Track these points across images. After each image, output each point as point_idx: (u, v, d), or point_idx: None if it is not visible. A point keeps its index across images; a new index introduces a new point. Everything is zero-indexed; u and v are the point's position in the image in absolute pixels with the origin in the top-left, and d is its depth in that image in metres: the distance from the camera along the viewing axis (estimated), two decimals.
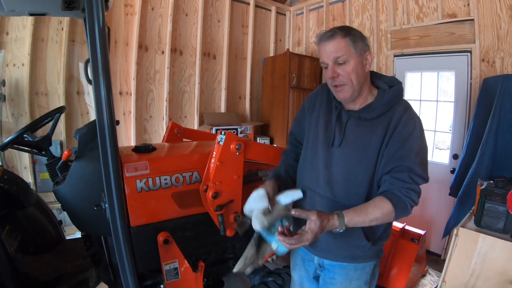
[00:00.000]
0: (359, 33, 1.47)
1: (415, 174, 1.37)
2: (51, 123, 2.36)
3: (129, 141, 4.52)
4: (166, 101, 4.73)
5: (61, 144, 4.01)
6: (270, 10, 5.84)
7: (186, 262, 1.91)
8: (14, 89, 3.75)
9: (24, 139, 2.25)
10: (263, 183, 1.62)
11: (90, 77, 1.50)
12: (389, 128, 1.43)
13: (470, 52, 3.63)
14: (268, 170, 2.08)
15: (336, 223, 1.32)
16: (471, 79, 3.63)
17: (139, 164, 1.87)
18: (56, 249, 2.50)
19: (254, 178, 2.08)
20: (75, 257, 2.41)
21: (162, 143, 2.58)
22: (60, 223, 2.64)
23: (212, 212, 1.86)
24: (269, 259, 2.20)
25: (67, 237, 2.72)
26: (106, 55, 1.45)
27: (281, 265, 2.50)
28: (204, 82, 5.15)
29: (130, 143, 4.51)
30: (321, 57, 1.48)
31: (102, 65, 1.44)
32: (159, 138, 4.70)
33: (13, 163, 3.86)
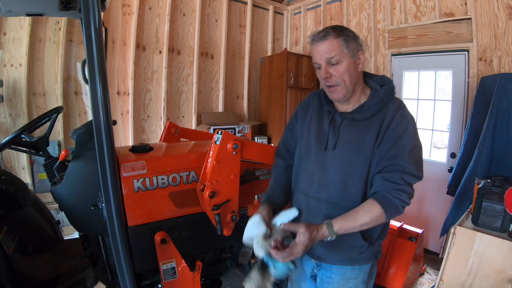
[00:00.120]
0: (352, 33, 1.47)
1: (407, 173, 1.37)
2: (48, 124, 2.35)
3: (127, 141, 4.51)
4: (164, 100, 4.73)
5: (59, 144, 4.00)
6: (267, 9, 5.84)
7: (183, 261, 1.91)
8: (11, 89, 3.74)
9: (21, 139, 2.25)
10: (257, 209, 1.59)
11: (87, 77, 1.50)
12: (382, 127, 1.43)
13: (467, 51, 3.64)
14: (265, 169, 2.07)
15: (325, 232, 1.35)
16: (468, 78, 3.64)
17: (136, 164, 1.87)
18: (54, 249, 2.50)
19: (251, 177, 2.08)
20: (73, 257, 2.41)
21: (159, 143, 2.58)
22: (58, 223, 2.63)
23: (209, 211, 1.87)
24: None
25: (65, 237, 2.72)
26: (102, 55, 1.45)
27: None
28: (201, 81, 5.15)
29: (128, 143, 4.50)
30: (314, 57, 1.48)
31: (98, 65, 1.44)
32: (157, 137, 4.69)
33: (11, 163, 3.85)
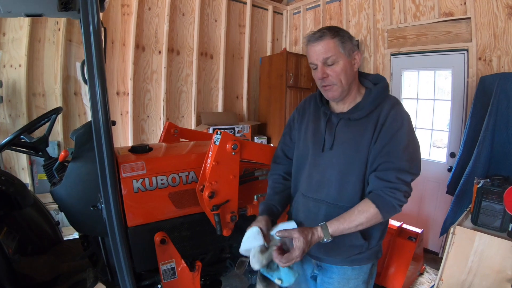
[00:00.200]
0: (347, 33, 1.48)
1: (402, 171, 1.36)
2: (48, 124, 2.35)
3: (127, 141, 4.51)
4: (163, 101, 4.72)
5: (59, 145, 4.00)
6: (267, 9, 5.84)
7: (183, 262, 1.91)
8: (11, 90, 3.74)
9: (21, 140, 2.25)
10: (255, 220, 1.59)
11: (86, 78, 1.50)
12: (378, 125, 1.43)
13: (466, 50, 3.64)
14: (264, 169, 2.08)
15: (321, 234, 1.37)
16: (468, 77, 3.64)
17: (135, 164, 1.87)
18: (53, 249, 2.50)
19: (250, 177, 2.08)
20: (73, 257, 2.41)
21: (158, 143, 2.58)
22: (57, 223, 2.63)
23: (208, 212, 1.87)
24: None
25: (65, 238, 2.72)
26: (101, 56, 1.45)
27: None
28: (201, 81, 5.15)
29: (127, 143, 4.50)
30: (310, 58, 1.49)
31: (97, 66, 1.45)
32: (157, 138, 4.69)
33: (10, 164, 3.86)
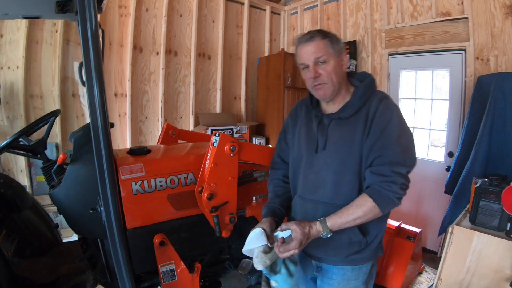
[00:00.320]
0: (336, 35, 1.52)
1: (396, 164, 1.37)
2: (46, 127, 2.35)
3: (125, 142, 4.51)
4: (161, 102, 4.73)
5: (57, 146, 4.00)
6: (264, 9, 5.85)
7: (182, 263, 1.91)
8: (9, 92, 3.74)
9: (19, 142, 2.25)
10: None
11: (84, 79, 1.50)
12: (368, 120, 1.45)
13: (464, 50, 3.64)
14: (263, 171, 2.08)
15: (319, 228, 1.39)
16: (465, 77, 3.64)
17: (134, 166, 1.87)
18: (52, 252, 2.49)
19: (249, 179, 2.08)
20: (72, 259, 2.40)
21: (157, 145, 2.57)
22: (56, 226, 2.63)
23: (207, 213, 1.87)
24: None
25: (64, 240, 2.71)
26: (99, 58, 1.46)
27: None
28: (199, 82, 5.15)
29: (125, 145, 4.50)
30: (301, 58, 1.52)
31: (95, 68, 1.45)
32: (155, 139, 4.69)
33: (9, 166, 3.85)
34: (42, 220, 2.56)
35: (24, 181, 3.83)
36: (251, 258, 1.48)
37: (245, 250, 1.49)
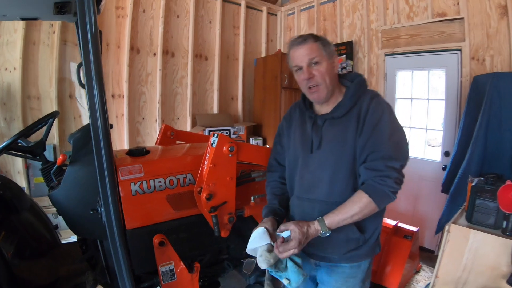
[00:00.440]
0: (326, 39, 1.57)
1: (390, 158, 1.40)
2: (45, 128, 2.35)
3: (122, 143, 4.51)
4: (158, 103, 4.73)
5: (54, 148, 3.99)
6: (261, 10, 5.85)
7: (181, 263, 1.92)
8: (6, 93, 3.73)
9: (18, 144, 2.25)
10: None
11: (83, 81, 1.50)
12: (360, 118, 1.49)
13: (460, 50, 3.67)
14: (261, 171, 2.09)
15: (318, 227, 1.41)
16: (461, 77, 3.67)
17: (133, 167, 1.88)
18: (52, 253, 2.49)
19: (247, 179, 2.09)
20: (72, 261, 2.40)
21: (155, 146, 2.58)
22: (55, 227, 2.63)
23: (206, 213, 1.88)
24: None
25: (63, 241, 2.71)
26: (99, 59, 1.46)
27: None
28: (196, 83, 5.15)
29: (123, 146, 4.49)
30: (294, 60, 1.56)
31: (95, 69, 1.45)
32: (152, 140, 4.68)
33: (6, 168, 3.84)
34: (41, 221, 2.55)
35: (21, 182, 3.81)
36: (253, 257, 1.50)
37: (249, 249, 1.50)
